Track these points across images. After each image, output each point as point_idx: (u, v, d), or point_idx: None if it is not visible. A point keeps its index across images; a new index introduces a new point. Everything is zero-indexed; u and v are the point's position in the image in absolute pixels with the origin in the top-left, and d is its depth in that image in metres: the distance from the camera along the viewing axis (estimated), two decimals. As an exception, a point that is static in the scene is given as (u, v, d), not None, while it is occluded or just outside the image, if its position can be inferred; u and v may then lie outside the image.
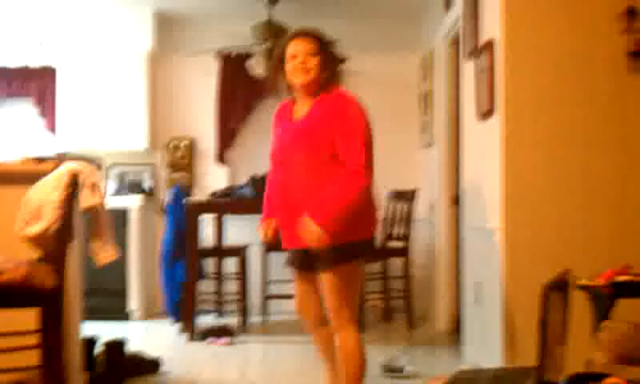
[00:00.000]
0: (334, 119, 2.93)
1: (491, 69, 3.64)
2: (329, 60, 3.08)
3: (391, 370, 4.14)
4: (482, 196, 3.96)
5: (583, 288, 2.77)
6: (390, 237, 5.93)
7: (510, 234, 3.51)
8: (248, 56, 6.27)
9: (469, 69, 4.26)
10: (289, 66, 2.98)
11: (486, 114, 3.77)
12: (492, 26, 3.70)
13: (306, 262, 2.97)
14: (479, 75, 3.90)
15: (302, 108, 3.01)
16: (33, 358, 3.09)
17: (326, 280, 2.90)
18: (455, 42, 5.27)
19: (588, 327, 2.78)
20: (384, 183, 6.32)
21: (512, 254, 3.51)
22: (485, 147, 3.88)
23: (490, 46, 3.67)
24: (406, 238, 5.67)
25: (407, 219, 5.67)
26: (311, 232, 2.76)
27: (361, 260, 3.00)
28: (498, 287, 3.56)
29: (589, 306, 2.76)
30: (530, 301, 3.09)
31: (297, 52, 2.97)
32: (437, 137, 5.60)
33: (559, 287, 2.21)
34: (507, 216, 3.51)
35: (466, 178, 4.45)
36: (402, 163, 6.56)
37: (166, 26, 6.58)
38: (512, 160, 3.51)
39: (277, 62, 3.05)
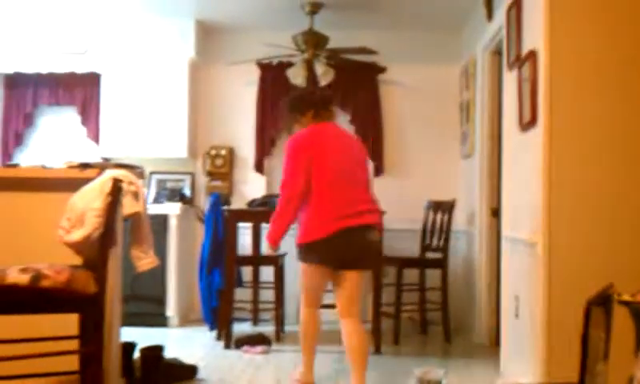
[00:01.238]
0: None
1: (534, 79, 3.60)
2: (292, 115, 4.08)
3: (427, 383, 4.10)
4: (523, 208, 3.91)
5: (625, 304, 2.70)
6: (428, 247, 5.89)
7: (550, 246, 3.45)
8: (288, 65, 6.30)
9: (511, 79, 4.21)
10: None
11: (528, 124, 3.72)
12: (535, 36, 3.65)
13: None
14: (521, 85, 3.86)
15: None
16: (72, 363, 3.14)
17: None
18: (497, 52, 5.22)
19: (631, 344, 2.72)
20: (423, 193, 6.34)
21: (553, 267, 3.45)
22: (526, 158, 3.83)
23: (532, 55, 3.63)
24: (444, 249, 5.62)
25: (446, 230, 5.62)
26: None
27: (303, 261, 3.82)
28: (538, 301, 3.50)
29: (631, 322, 2.70)
30: (571, 315, 3.04)
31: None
32: (477, 147, 5.55)
33: (602, 302, 2.16)
34: (548, 228, 3.45)
35: (506, 189, 4.40)
36: (442, 174, 6.52)
37: (208, 35, 6.66)
38: (554, 171, 3.45)
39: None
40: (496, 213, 5.25)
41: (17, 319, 2.88)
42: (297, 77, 5.97)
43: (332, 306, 4.48)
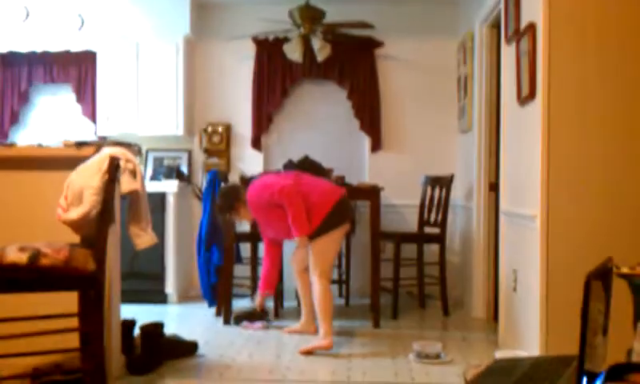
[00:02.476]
0: (261, 205, 4.67)
1: (532, 52, 3.58)
2: (234, 207, 4.76)
3: (426, 357, 4.13)
4: (521, 182, 3.91)
5: (624, 277, 2.71)
6: (425, 222, 5.90)
7: (549, 220, 3.45)
8: (285, 40, 6.26)
9: (509, 53, 4.19)
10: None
11: (527, 98, 3.71)
12: (533, 9, 3.63)
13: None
14: (520, 59, 3.84)
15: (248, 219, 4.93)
16: (73, 340, 3.15)
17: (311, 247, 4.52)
18: (495, 26, 5.19)
19: (630, 316, 2.73)
20: (421, 168, 6.33)
21: (551, 240, 3.46)
22: (525, 132, 3.82)
23: (531, 28, 3.60)
24: (442, 224, 5.63)
25: (444, 205, 5.63)
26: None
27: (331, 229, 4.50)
28: (537, 274, 3.51)
29: (630, 295, 2.71)
30: (569, 289, 3.05)
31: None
32: (475, 122, 5.54)
33: (601, 275, 2.17)
34: (547, 202, 3.46)
35: (504, 163, 4.40)
36: (439, 148, 6.51)
37: (204, 11, 6.61)
38: (552, 145, 3.45)
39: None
40: (494, 187, 5.25)
41: (17, 298, 2.89)
42: (293, 52, 5.93)
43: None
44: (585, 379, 1.91)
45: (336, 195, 4.57)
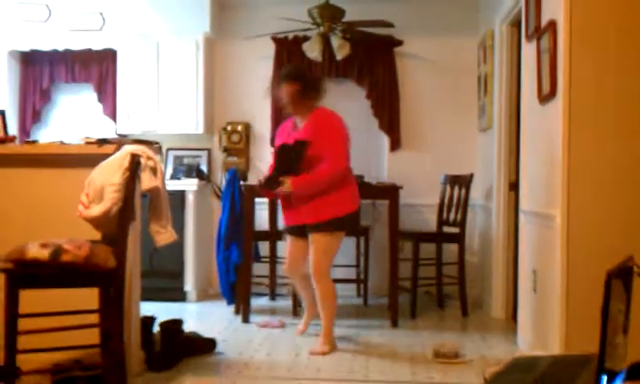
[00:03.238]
0: (319, 131, 4.32)
1: (553, 50, 3.55)
2: (307, 91, 4.40)
3: (444, 356, 4.11)
4: (542, 181, 3.88)
5: (645, 276, 2.68)
6: (444, 222, 5.87)
7: (569, 219, 3.42)
8: (304, 39, 6.27)
9: (530, 50, 4.16)
10: (282, 102, 4.54)
11: (547, 96, 3.68)
12: (554, 6, 3.60)
13: (301, 232, 4.46)
14: (540, 57, 3.81)
15: (300, 122, 4.48)
16: (93, 336, 3.18)
17: (314, 242, 4.36)
18: (515, 24, 5.16)
19: (651, 317, 2.70)
20: (440, 167, 6.31)
21: (571, 240, 3.43)
22: (545, 131, 3.79)
23: (552, 26, 3.58)
24: (461, 223, 5.61)
25: (463, 204, 5.60)
26: (285, 187, 4.29)
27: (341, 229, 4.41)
28: (557, 274, 3.49)
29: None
30: (589, 288, 3.02)
31: (282, 94, 4.47)
32: (495, 120, 5.51)
33: (621, 274, 2.15)
34: (567, 202, 3.43)
35: (524, 162, 4.37)
36: (459, 147, 6.48)
37: (223, 10, 6.64)
38: (573, 144, 3.42)
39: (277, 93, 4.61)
40: (514, 187, 5.22)
41: (38, 293, 2.92)
42: (312, 51, 5.94)
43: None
44: (604, 378, 1.90)
45: (359, 202, 4.51)
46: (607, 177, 3.41)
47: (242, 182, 5.69)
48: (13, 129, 6.52)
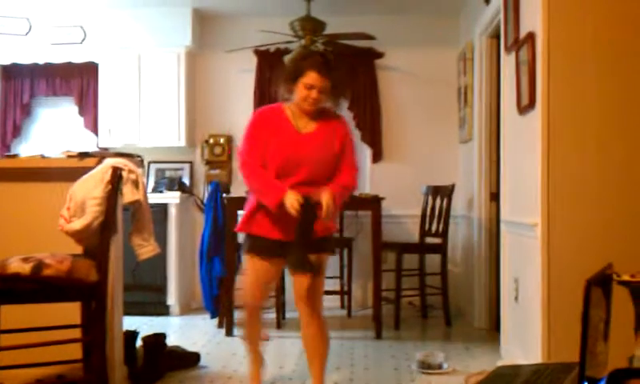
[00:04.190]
0: (342, 138, 3.39)
1: (532, 61, 3.59)
2: (334, 93, 3.39)
3: (428, 367, 4.13)
4: (522, 191, 3.92)
5: (624, 284, 2.71)
6: (427, 233, 5.90)
7: (550, 229, 3.46)
8: (286, 52, 6.29)
9: (509, 62, 4.21)
10: (302, 91, 3.30)
11: (527, 107, 3.72)
12: (533, 18, 3.65)
13: (279, 252, 3.33)
14: (519, 68, 3.86)
15: (305, 123, 3.39)
16: (76, 351, 3.16)
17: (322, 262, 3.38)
18: (494, 36, 5.22)
19: (631, 323, 2.73)
20: (422, 178, 6.34)
21: (552, 249, 3.46)
22: (525, 141, 3.83)
23: (530, 38, 3.62)
24: (443, 234, 5.64)
25: (445, 215, 5.63)
26: (330, 206, 3.16)
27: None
28: (538, 283, 3.51)
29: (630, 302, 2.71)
30: (571, 297, 3.04)
31: (314, 86, 3.28)
32: (476, 131, 5.55)
33: (600, 282, 2.17)
34: (547, 211, 3.46)
35: (505, 172, 4.41)
36: (440, 159, 6.52)
37: (205, 23, 6.65)
38: (552, 153, 3.45)
39: (291, 76, 3.37)
40: (495, 197, 5.26)
41: (20, 308, 2.89)
42: (294, 64, 5.95)
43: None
44: (586, 385, 1.91)
45: None
46: (587, 186, 3.45)
47: (224, 195, 5.68)
48: (-7, 143, 6.47)
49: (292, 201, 3.13)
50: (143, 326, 4.60)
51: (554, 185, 3.46)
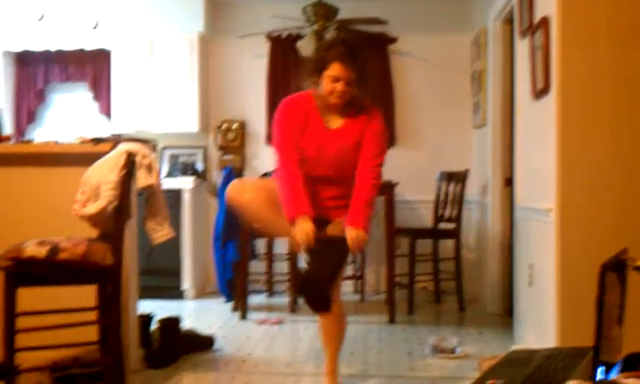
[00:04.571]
0: (367, 131, 3.29)
1: (546, 46, 3.57)
2: (361, 82, 3.26)
3: (441, 351, 4.13)
4: (536, 176, 3.90)
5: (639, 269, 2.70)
6: (440, 218, 5.89)
7: (564, 213, 3.44)
8: (298, 37, 6.28)
9: (523, 47, 4.18)
10: (327, 85, 3.20)
11: (541, 92, 3.70)
12: (547, 3, 3.61)
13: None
14: (534, 53, 3.83)
15: (333, 118, 3.32)
16: (91, 333, 3.19)
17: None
18: (508, 21, 5.18)
19: (646, 309, 2.72)
20: (435, 164, 6.33)
21: (566, 234, 3.45)
22: (539, 126, 3.81)
23: (545, 22, 3.60)
24: (457, 219, 5.63)
25: (459, 201, 5.62)
26: (361, 240, 3.18)
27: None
28: (552, 268, 3.51)
29: (646, 287, 2.70)
30: (585, 282, 3.03)
31: (340, 78, 3.17)
32: (490, 117, 5.53)
33: (616, 267, 2.17)
34: (561, 196, 3.45)
35: (519, 158, 4.39)
36: (454, 144, 6.50)
37: (217, 8, 6.64)
38: (566, 138, 3.43)
39: (315, 70, 3.25)
40: (509, 182, 5.24)
41: (36, 291, 2.93)
42: (307, 49, 5.96)
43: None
44: (600, 370, 1.91)
45: None
46: (602, 171, 3.43)
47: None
48: (8, 129, 6.51)
49: (301, 234, 3.12)
50: (158, 309, 4.63)
51: (569, 170, 3.44)
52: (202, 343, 4.27)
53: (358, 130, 3.29)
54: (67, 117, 6.87)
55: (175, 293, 6.07)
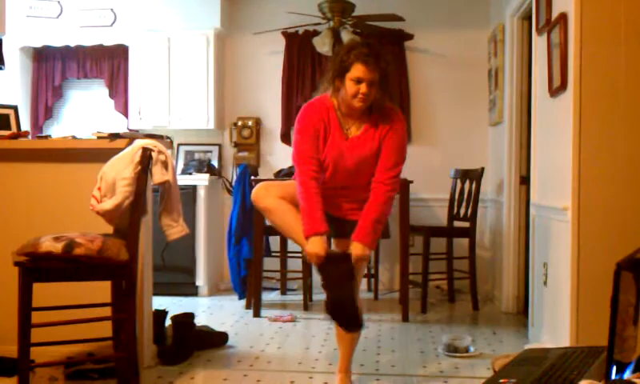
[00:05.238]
0: (387, 139, 3.26)
1: (564, 43, 3.54)
2: (384, 84, 3.21)
3: (455, 350, 4.12)
4: (552, 174, 3.87)
5: (657, 269, 2.68)
6: (455, 216, 5.87)
7: (581, 212, 3.42)
8: (314, 33, 6.27)
9: (540, 44, 4.15)
10: (350, 88, 3.13)
11: (558, 89, 3.67)
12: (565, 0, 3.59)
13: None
14: (551, 50, 3.80)
15: (353, 124, 3.27)
16: (106, 329, 3.21)
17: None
18: (526, 17, 5.14)
19: (662, 309, 2.69)
20: (450, 161, 6.30)
21: (582, 233, 3.42)
22: (556, 124, 3.79)
23: (563, 19, 3.57)
24: (472, 217, 5.60)
25: (474, 199, 5.59)
26: (365, 257, 3.20)
27: None
28: (567, 267, 3.48)
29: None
30: (601, 281, 3.01)
31: (363, 79, 3.11)
32: (506, 114, 5.49)
33: (631, 266, 2.15)
34: (578, 195, 3.42)
35: (535, 156, 4.36)
36: (470, 142, 6.46)
37: (233, 5, 6.65)
38: (584, 136, 3.41)
39: (337, 73, 3.17)
40: (525, 180, 5.21)
41: (51, 287, 2.95)
42: (323, 45, 5.94)
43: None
44: (614, 369, 1.89)
45: None
46: (618, 169, 3.40)
47: (252, 177, 5.70)
48: (25, 124, 6.57)
49: (311, 256, 3.13)
50: (172, 305, 4.66)
51: (586, 168, 3.41)
52: (215, 340, 4.28)
53: (378, 136, 3.24)
54: (84, 113, 6.91)
55: (189, 289, 6.09)
